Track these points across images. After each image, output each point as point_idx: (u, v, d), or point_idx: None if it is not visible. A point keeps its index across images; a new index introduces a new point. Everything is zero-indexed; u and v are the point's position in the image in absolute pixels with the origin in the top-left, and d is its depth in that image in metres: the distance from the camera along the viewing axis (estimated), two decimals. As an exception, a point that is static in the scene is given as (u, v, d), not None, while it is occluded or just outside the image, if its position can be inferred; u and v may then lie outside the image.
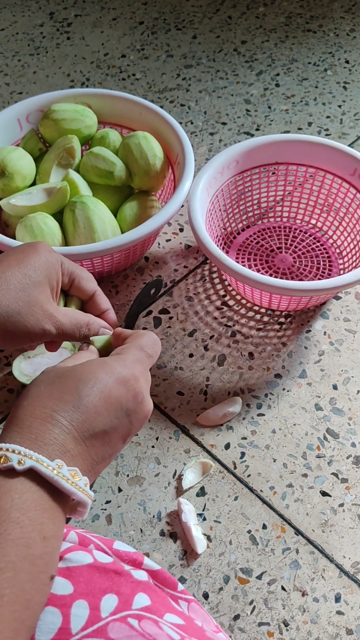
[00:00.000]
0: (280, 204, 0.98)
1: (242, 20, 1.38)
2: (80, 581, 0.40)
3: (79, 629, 0.37)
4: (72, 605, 0.38)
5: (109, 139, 0.93)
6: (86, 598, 0.39)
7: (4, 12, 1.44)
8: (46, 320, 0.46)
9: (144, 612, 0.40)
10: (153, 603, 0.41)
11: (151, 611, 0.40)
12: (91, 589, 0.40)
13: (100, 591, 0.40)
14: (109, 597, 0.40)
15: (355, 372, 0.83)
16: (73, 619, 0.38)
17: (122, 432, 0.41)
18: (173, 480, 0.74)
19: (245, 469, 0.75)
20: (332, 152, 0.89)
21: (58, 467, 0.36)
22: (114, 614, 0.38)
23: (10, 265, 0.46)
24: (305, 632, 0.64)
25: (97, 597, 0.39)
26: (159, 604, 0.41)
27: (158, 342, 0.46)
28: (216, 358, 0.84)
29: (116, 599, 0.40)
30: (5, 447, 0.35)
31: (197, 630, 0.43)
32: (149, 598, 0.41)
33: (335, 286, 0.74)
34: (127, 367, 0.42)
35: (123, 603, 0.39)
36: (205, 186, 0.85)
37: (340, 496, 0.72)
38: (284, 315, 0.88)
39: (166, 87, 1.24)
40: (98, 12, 1.43)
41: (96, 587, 0.40)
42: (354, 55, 1.30)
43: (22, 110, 0.95)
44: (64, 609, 0.38)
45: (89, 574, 0.41)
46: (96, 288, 0.51)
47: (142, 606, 0.40)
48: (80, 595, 0.39)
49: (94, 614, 0.38)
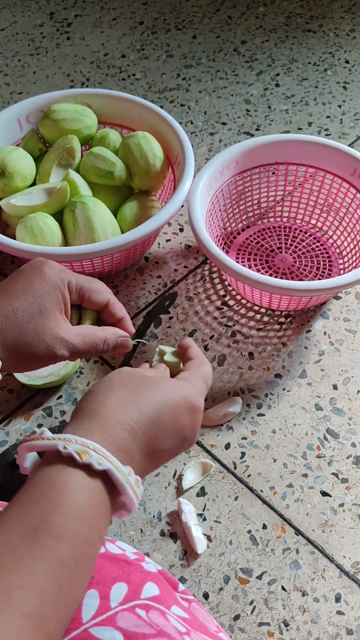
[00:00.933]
0: (280, 204, 0.98)
1: (242, 20, 1.39)
2: None
3: (89, 618, 0.38)
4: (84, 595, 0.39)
5: (109, 139, 0.93)
6: (97, 587, 0.40)
7: (4, 12, 1.44)
8: (57, 346, 0.46)
9: (152, 602, 0.40)
10: (161, 593, 0.42)
11: (159, 601, 0.41)
12: (102, 577, 0.41)
13: (111, 579, 0.41)
14: (119, 586, 0.41)
15: (356, 372, 0.83)
16: (84, 608, 0.39)
17: (170, 455, 0.43)
18: (173, 480, 0.74)
19: (245, 469, 0.75)
20: (332, 152, 0.89)
21: (128, 473, 0.37)
22: (123, 604, 0.39)
23: (16, 295, 0.46)
24: (306, 632, 0.64)
25: (107, 586, 0.40)
26: (167, 594, 0.42)
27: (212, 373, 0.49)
28: (216, 358, 0.84)
29: (126, 587, 0.41)
30: (86, 443, 0.37)
31: (201, 625, 0.44)
32: (158, 588, 0.42)
33: (335, 286, 0.74)
34: (197, 398, 0.44)
35: (132, 592, 0.40)
36: (205, 186, 0.85)
37: (340, 496, 0.72)
38: (284, 315, 0.88)
39: (166, 87, 1.24)
40: (98, 12, 1.43)
41: (107, 576, 0.41)
42: (354, 55, 1.30)
43: (22, 110, 0.95)
44: None
45: (100, 562, 0.42)
46: (109, 298, 0.51)
47: (150, 596, 0.41)
48: (91, 584, 0.40)
49: (103, 603, 0.39)
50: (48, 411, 0.80)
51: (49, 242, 0.83)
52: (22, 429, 0.78)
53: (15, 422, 0.79)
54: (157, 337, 0.87)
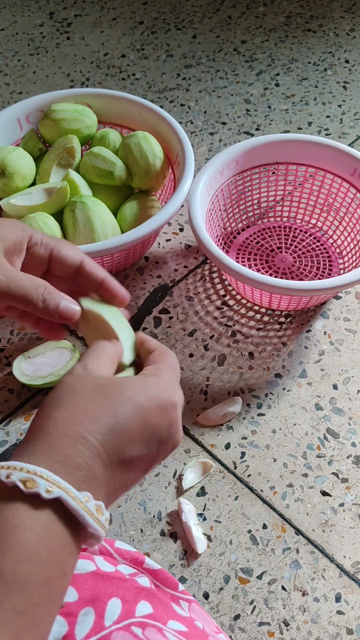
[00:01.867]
0: (280, 204, 0.98)
1: (242, 20, 1.38)
2: (85, 588, 0.40)
3: (83, 637, 0.37)
4: (78, 613, 0.38)
5: (109, 139, 0.93)
6: (92, 605, 0.38)
7: (4, 12, 1.44)
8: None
9: (147, 619, 0.39)
10: (156, 610, 0.41)
11: (154, 618, 0.40)
12: (96, 594, 0.40)
13: (106, 595, 0.40)
14: (114, 602, 0.39)
15: (356, 371, 0.83)
16: (78, 626, 0.37)
17: (148, 461, 0.38)
18: (173, 480, 0.74)
19: (245, 468, 0.75)
20: (332, 152, 0.89)
21: (85, 500, 0.33)
22: (118, 623, 0.38)
23: None
24: (306, 632, 0.64)
25: (103, 602, 0.39)
26: (161, 611, 0.41)
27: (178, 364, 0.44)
28: (216, 358, 0.84)
29: (120, 604, 0.39)
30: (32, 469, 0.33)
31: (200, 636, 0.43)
32: (151, 606, 0.41)
33: (335, 286, 0.74)
34: (168, 393, 0.39)
35: (126, 611, 0.39)
36: (205, 186, 0.85)
37: (340, 496, 0.72)
38: (284, 315, 0.88)
39: (166, 87, 1.24)
40: (98, 12, 1.43)
41: (101, 592, 0.40)
42: (353, 55, 1.30)
43: (22, 110, 0.95)
44: (70, 618, 0.38)
45: (93, 581, 0.41)
46: (82, 257, 0.45)
47: (145, 614, 0.40)
48: (86, 602, 0.39)
49: (98, 621, 0.38)
50: (48, 411, 0.80)
51: (49, 242, 0.83)
52: (22, 429, 0.79)
53: (15, 422, 0.79)
54: (157, 337, 0.87)
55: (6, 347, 0.86)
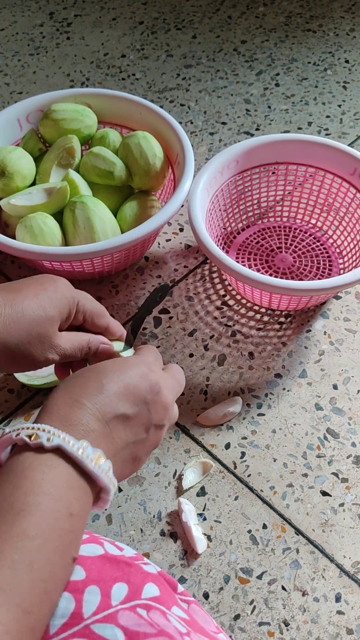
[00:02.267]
0: (280, 204, 0.98)
1: (242, 20, 1.38)
2: (92, 569, 0.42)
3: (90, 614, 0.39)
4: (84, 590, 0.39)
5: (109, 138, 0.93)
6: (98, 584, 0.40)
7: (4, 12, 1.44)
8: (51, 351, 0.49)
9: (152, 602, 0.41)
10: (162, 594, 0.42)
11: (160, 602, 0.41)
12: (102, 576, 0.41)
13: (111, 579, 0.41)
14: (119, 586, 0.41)
15: (356, 371, 0.83)
16: (85, 604, 0.39)
17: (143, 420, 0.43)
18: (173, 480, 0.74)
19: (245, 468, 0.75)
20: (332, 152, 0.89)
21: (83, 447, 0.38)
22: (124, 603, 0.40)
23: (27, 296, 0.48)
24: (306, 632, 0.64)
25: (108, 585, 0.41)
26: (167, 595, 0.42)
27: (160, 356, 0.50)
28: (216, 358, 0.84)
29: (126, 587, 0.41)
30: (36, 426, 0.38)
31: (200, 628, 0.44)
32: (158, 588, 0.42)
33: (335, 286, 0.74)
34: (144, 363, 0.45)
35: (133, 592, 0.41)
36: (205, 186, 0.85)
37: (340, 496, 0.72)
38: (284, 315, 0.88)
39: (166, 87, 1.24)
40: (98, 12, 1.43)
41: (107, 575, 0.41)
42: (353, 54, 1.30)
43: (22, 110, 0.95)
44: (77, 594, 0.39)
45: (101, 563, 0.42)
46: (108, 322, 0.54)
47: (151, 596, 0.41)
48: (92, 581, 0.40)
49: (104, 600, 0.39)
50: (48, 411, 0.80)
51: (49, 242, 0.83)
52: (22, 429, 0.78)
53: (15, 423, 0.79)
54: (157, 337, 0.87)
55: (6, 347, 0.86)
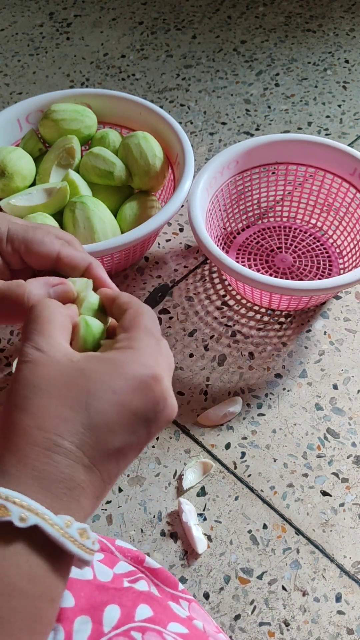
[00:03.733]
0: (280, 204, 0.98)
1: (242, 20, 1.38)
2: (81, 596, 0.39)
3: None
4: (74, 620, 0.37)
5: (109, 139, 0.93)
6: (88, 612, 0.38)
7: (4, 13, 1.44)
8: None
9: (147, 623, 0.38)
10: (155, 614, 0.40)
11: (154, 622, 0.39)
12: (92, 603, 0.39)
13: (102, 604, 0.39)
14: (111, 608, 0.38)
15: (356, 371, 0.83)
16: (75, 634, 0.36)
17: (138, 446, 0.33)
18: (173, 480, 0.74)
19: (245, 468, 0.75)
20: (332, 152, 0.89)
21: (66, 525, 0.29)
22: (117, 628, 0.37)
23: None
24: (306, 632, 0.64)
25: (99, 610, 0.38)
26: (161, 614, 0.41)
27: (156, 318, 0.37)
28: (216, 358, 0.84)
29: (118, 610, 0.39)
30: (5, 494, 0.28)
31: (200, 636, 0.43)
32: (151, 609, 0.40)
33: (336, 286, 0.74)
34: (145, 366, 0.33)
35: (125, 615, 0.38)
36: (205, 186, 0.85)
37: (340, 496, 0.72)
38: (284, 315, 0.88)
39: (166, 87, 1.24)
40: (97, 12, 1.43)
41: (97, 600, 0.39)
42: (353, 54, 1.30)
43: (22, 111, 0.95)
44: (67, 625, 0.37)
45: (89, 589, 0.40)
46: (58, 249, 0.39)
47: (145, 617, 0.39)
48: (82, 610, 0.38)
49: (96, 628, 0.37)
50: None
51: (49, 242, 0.83)
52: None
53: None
54: (157, 337, 0.87)
55: (6, 347, 0.86)
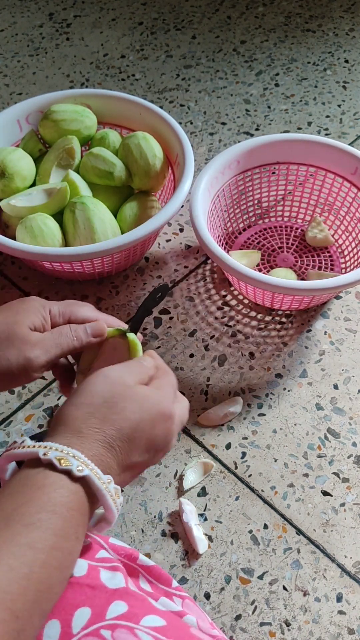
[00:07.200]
0: (281, 204, 0.98)
1: (242, 20, 1.38)
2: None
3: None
4: (44, 625, 0.38)
5: (109, 139, 0.93)
6: (58, 617, 0.39)
7: (4, 13, 1.44)
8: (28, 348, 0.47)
9: (118, 620, 0.40)
10: (130, 608, 0.40)
11: (126, 618, 0.40)
12: (63, 605, 0.40)
13: (73, 607, 0.40)
14: (81, 611, 0.40)
15: (356, 371, 0.83)
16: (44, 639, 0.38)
17: (145, 466, 0.44)
18: (174, 480, 0.74)
19: (246, 469, 0.75)
20: (333, 152, 0.89)
21: (108, 481, 0.39)
22: (86, 628, 0.39)
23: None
24: (307, 632, 0.64)
25: (69, 614, 0.39)
26: (136, 607, 0.41)
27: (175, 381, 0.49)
28: (217, 358, 0.84)
29: (89, 611, 0.40)
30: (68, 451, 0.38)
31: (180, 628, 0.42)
32: (126, 604, 0.41)
33: (337, 286, 0.74)
34: (170, 407, 0.44)
35: (96, 615, 0.40)
36: (206, 186, 0.85)
37: (341, 496, 0.72)
38: (284, 315, 0.88)
39: (166, 88, 1.24)
40: (97, 12, 1.43)
41: (68, 604, 0.40)
42: (353, 54, 1.30)
43: (22, 111, 0.95)
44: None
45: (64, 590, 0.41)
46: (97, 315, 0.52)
47: (116, 614, 0.40)
48: (52, 614, 0.39)
49: (65, 631, 0.38)
50: (49, 412, 0.80)
51: (49, 242, 0.83)
52: (23, 430, 0.78)
53: (16, 423, 0.79)
54: (157, 337, 0.86)
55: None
